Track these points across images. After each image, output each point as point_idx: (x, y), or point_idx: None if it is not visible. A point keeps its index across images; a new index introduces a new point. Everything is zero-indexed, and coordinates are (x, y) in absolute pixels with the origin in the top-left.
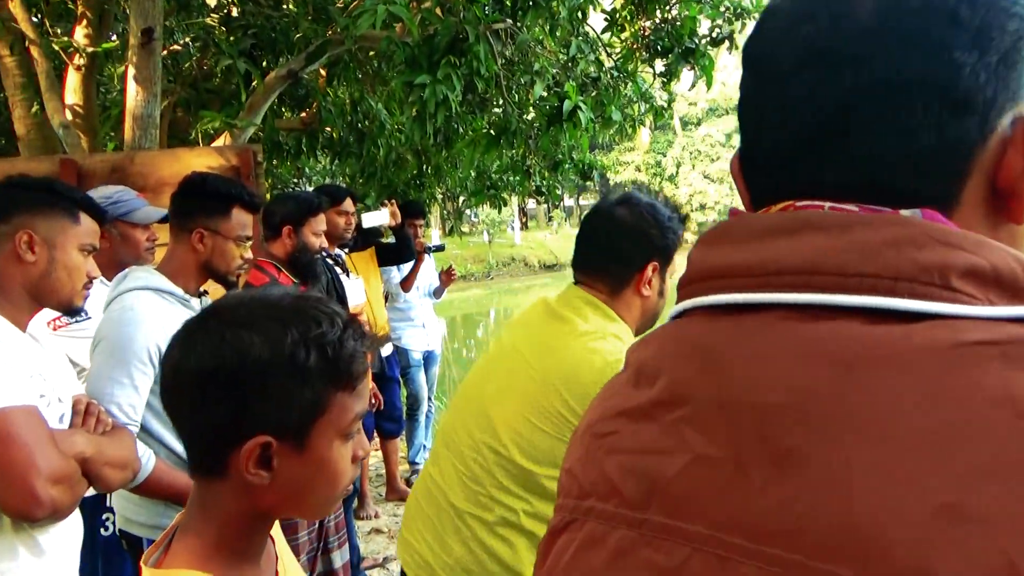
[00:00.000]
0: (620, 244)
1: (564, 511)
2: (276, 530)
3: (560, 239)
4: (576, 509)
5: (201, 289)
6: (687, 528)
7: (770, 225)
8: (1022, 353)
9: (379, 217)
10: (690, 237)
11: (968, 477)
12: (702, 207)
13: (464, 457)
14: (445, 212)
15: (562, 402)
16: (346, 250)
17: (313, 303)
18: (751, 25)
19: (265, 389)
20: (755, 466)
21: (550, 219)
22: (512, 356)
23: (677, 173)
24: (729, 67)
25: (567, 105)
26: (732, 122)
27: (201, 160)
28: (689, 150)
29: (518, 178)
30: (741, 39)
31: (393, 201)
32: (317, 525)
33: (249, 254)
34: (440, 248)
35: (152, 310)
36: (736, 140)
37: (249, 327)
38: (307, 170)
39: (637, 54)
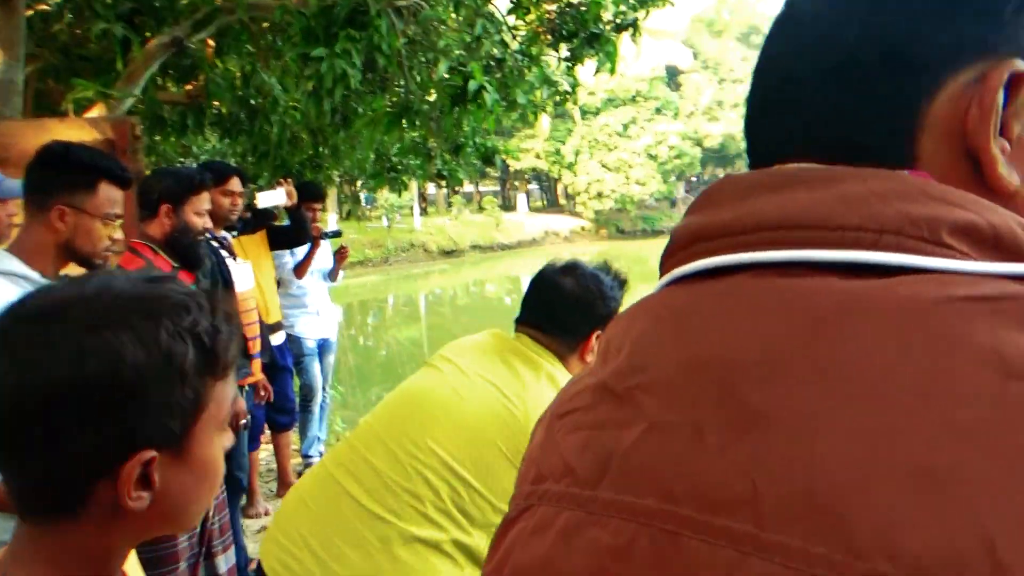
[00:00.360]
0: (566, 316)
1: (518, 499)
2: (132, 562)
3: (460, 225)
4: (531, 495)
5: (61, 274)
6: (636, 502)
7: (753, 183)
8: (1017, 310)
9: (275, 197)
10: (587, 225)
11: (947, 441)
12: (599, 195)
13: (399, 463)
14: (343, 195)
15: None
16: (234, 233)
17: (171, 287)
18: (655, 13)
19: (144, 398)
20: (712, 429)
21: (450, 205)
22: (480, 385)
23: (576, 161)
24: (628, 59)
25: (472, 85)
26: (630, 112)
27: (72, 132)
28: (588, 139)
29: (419, 161)
30: (645, 26)
31: (290, 180)
32: (199, 529)
33: (119, 234)
34: (337, 234)
35: (2, 297)
36: (632, 131)
37: (115, 326)
38: (195, 148)
39: (542, 38)
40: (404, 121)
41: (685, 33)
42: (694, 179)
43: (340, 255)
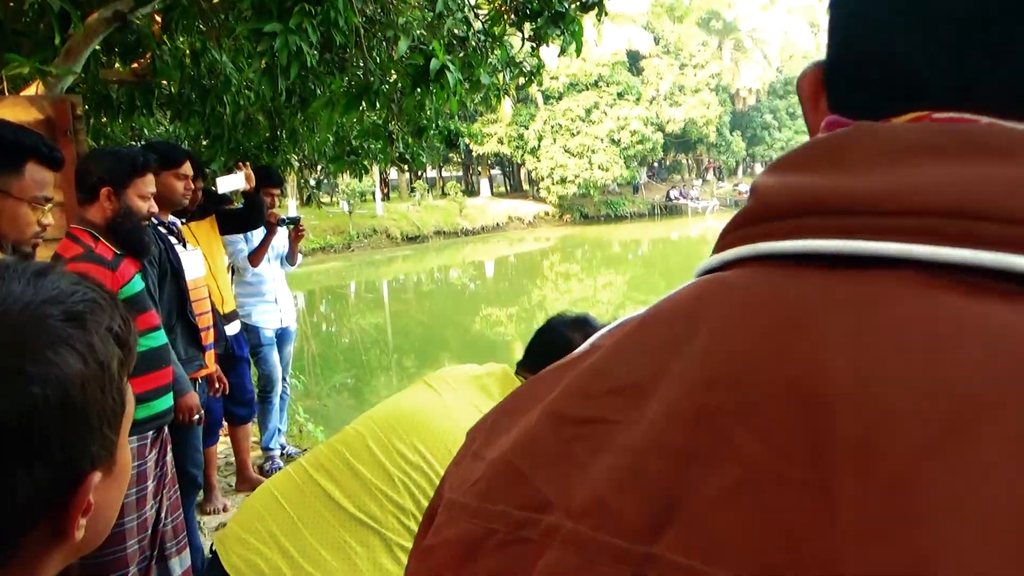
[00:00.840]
0: None
1: (495, 520)
2: None
3: (423, 211)
4: (526, 524)
5: None
6: None
7: (910, 142)
8: None
9: (234, 181)
10: (550, 210)
11: None
12: (563, 180)
13: (388, 474)
14: (302, 180)
15: None
16: (182, 220)
17: (65, 278)
18: None
19: (88, 415)
20: (851, 500)
21: (412, 190)
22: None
23: (539, 146)
24: (589, 42)
25: (434, 64)
26: (592, 97)
27: (7, 110)
28: (551, 124)
29: (380, 144)
30: (610, 6)
31: (247, 163)
32: (150, 531)
33: (49, 219)
34: (295, 220)
35: None
36: (595, 115)
37: (51, 342)
38: (145, 131)
39: (505, 17)
40: (364, 102)
41: (646, 18)
42: (656, 164)
43: (296, 235)
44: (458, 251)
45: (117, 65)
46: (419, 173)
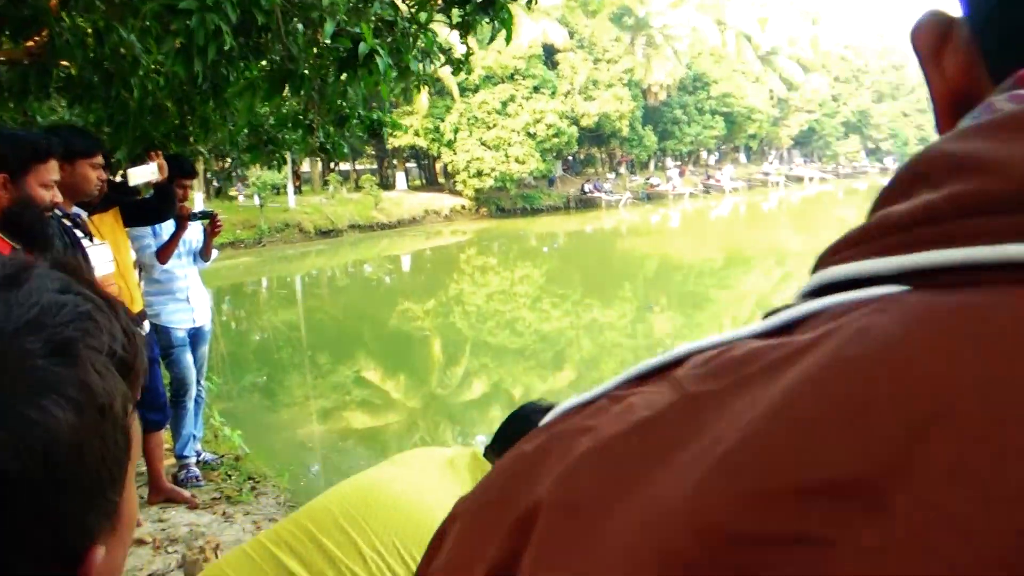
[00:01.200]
0: None
1: None
2: None
3: (337, 204)
4: None
5: None
6: None
7: None
8: None
9: (147, 172)
10: (466, 203)
11: None
12: (479, 174)
13: (361, 556)
14: (211, 173)
15: None
16: (85, 213)
17: (54, 283)
18: None
19: (81, 480)
20: None
21: (325, 183)
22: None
23: (455, 139)
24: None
25: (362, 48)
26: (508, 90)
27: None
28: (467, 116)
29: (299, 134)
30: (522, 3)
31: (160, 153)
32: None
33: None
34: (207, 215)
35: None
36: (511, 108)
37: (30, 391)
38: (38, 118)
39: (432, 3)
40: (288, 87)
41: (561, 11)
42: (571, 158)
43: (212, 230)
44: (374, 245)
45: (7, 43)
46: (332, 166)
